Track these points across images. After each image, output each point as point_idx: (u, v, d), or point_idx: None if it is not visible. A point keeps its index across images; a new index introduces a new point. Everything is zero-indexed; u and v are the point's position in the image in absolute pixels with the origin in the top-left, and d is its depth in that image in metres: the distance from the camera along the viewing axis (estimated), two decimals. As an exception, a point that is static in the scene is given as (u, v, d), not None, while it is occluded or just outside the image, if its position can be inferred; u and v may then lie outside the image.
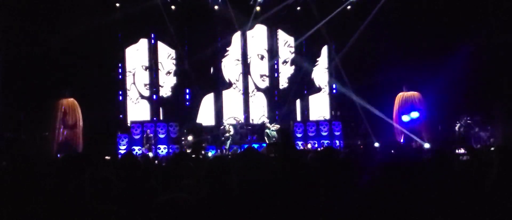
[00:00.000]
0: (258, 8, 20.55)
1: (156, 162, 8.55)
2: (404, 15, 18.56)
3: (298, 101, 22.06)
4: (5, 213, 3.64)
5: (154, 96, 20.65)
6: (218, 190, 3.37)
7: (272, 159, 5.57)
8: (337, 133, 20.69)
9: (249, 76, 21.69)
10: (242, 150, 4.46)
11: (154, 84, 20.62)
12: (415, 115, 19.01)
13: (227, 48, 21.46)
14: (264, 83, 21.85)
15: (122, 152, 17.98)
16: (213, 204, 3.18)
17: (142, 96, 20.58)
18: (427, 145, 17.83)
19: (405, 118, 19.08)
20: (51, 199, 3.63)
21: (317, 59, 22.25)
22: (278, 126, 19.05)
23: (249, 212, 3.21)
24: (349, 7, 20.46)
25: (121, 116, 20.05)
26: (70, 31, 16.78)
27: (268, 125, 19.27)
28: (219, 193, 3.34)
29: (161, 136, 18.91)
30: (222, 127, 19.39)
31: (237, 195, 3.33)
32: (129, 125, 19.54)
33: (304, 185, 3.62)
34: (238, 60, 21.61)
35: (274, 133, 18.76)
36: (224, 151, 18.30)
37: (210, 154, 17.29)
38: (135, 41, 20.37)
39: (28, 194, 3.74)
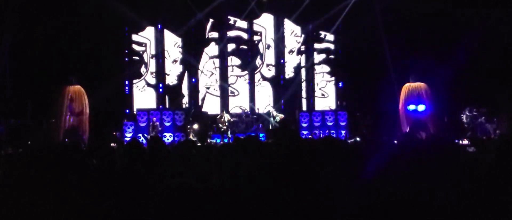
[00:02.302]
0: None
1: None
2: (411, 5, 18.44)
3: (303, 91, 22.06)
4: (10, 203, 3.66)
5: (160, 85, 20.71)
6: (227, 177, 3.39)
7: (270, 145, 5.58)
8: (342, 123, 20.67)
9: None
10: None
11: (160, 72, 20.67)
12: (421, 108, 18.96)
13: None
14: (270, 72, 21.84)
15: (128, 139, 18.10)
16: (222, 191, 3.20)
17: (149, 84, 20.63)
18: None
19: (411, 107, 19.04)
20: (56, 188, 3.65)
21: (323, 48, 22.23)
22: (282, 116, 19.10)
23: (255, 199, 3.22)
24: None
25: (127, 103, 20.11)
26: (77, 18, 16.84)
27: (274, 113, 19.26)
28: (229, 179, 3.36)
29: (167, 124, 18.98)
30: (218, 117, 19.44)
31: (245, 182, 3.35)
32: (135, 112, 19.62)
33: (304, 173, 3.63)
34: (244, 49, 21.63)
35: (276, 122, 18.86)
36: (227, 140, 18.33)
37: (215, 142, 17.34)
38: (141, 29, 20.41)
39: (35, 184, 3.76)
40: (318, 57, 22.17)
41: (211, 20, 20.93)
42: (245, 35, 21.50)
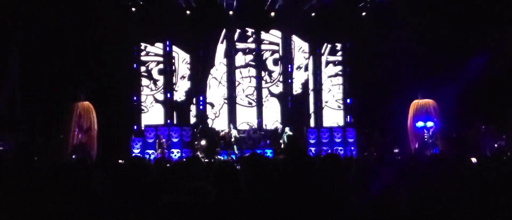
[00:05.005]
0: (272, 14, 20.63)
1: (167, 165, 8.59)
2: (419, 22, 18.44)
3: (311, 107, 22.02)
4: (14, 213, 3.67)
5: (168, 101, 20.74)
6: (225, 194, 3.38)
7: (278, 162, 5.57)
8: (350, 140, 20.58)
9: (263, 81, 21.72)
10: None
11: (168, 88, 20.74)
12: (429, 124, 18.87)
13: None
14: (278, 88, 21.84)
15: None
16: (219, 207, 3.19)
17: (157, 100, 20.70)
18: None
19: (419, 123, 18.96)
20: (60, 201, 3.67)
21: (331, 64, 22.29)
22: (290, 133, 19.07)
23: (255, 215, 3.21)
24: (364, 13, 20.44)
25: (135, 120, 20.16)
26: (86, 35, 16.98)
27: (288, 132, 19.17)
28: (226, 196, 3.34)
29: (175, 140, 18.99)
30: (225, 131, 19.47)
31: (244, 198, 3.33)
32: (143, 128, 19.66)
33: (311, 188, 3.62)
34: (252, 65, 21.67)
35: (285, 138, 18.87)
36: (233, 156, 18.31)
37: (222, 159, 17.34)
38: (151, 45, 20.58)
39: (36, 196, 3.78)
40: (326, 72, 22.17)
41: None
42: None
